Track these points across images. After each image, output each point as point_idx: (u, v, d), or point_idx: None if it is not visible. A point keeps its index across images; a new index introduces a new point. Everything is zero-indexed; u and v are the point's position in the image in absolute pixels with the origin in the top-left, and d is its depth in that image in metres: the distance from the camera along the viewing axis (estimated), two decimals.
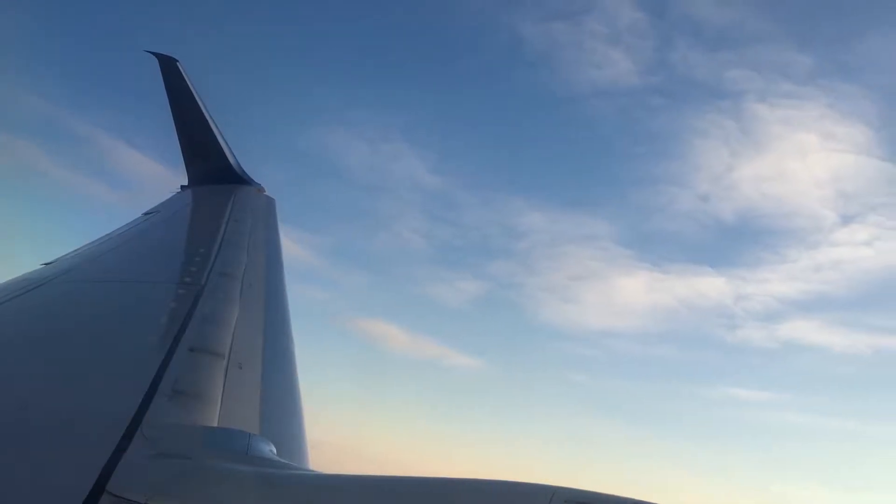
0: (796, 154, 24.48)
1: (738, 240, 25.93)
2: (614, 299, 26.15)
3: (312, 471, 3.13)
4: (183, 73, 9.57)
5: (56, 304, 4.51)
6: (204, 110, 9.80)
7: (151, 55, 9.64)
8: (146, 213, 7.70)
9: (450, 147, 25.38)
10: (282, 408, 4.20)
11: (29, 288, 4.54)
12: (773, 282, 25.08)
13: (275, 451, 3.00)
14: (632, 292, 26.01)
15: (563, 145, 25.04)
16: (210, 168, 9.87)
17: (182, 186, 9.76)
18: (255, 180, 10.15)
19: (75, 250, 5.88)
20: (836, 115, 22.97)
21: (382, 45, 23.52)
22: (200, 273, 5.21)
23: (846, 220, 24.29)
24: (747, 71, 23.00)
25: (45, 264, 5.35)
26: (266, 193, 9.92)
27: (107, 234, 6.52)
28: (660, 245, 26.02)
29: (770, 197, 25.03)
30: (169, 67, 9.57)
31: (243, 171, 10.15)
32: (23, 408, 3.01)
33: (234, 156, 10.12)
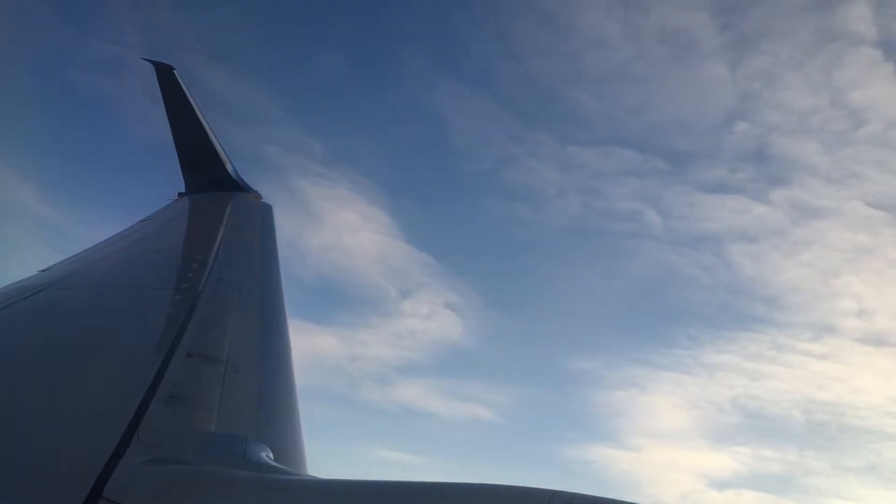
0: (348, 230, 25.65)
1: (328, 302, 25.72)
2: None
3: (310, 476, 3.12)
4: (179, 81, 9.60)
5: (54, 309, 4.50)
6: (201, 117, 9.83)
7: (148, 63, 9.70)
8: (143, 221, 7.69)
9: None
10: (279, 413, 4.19)
11: (26, 294, 4.53)
12: (372, 345, 25.60)
13: (272, 456, 2.99)
14: None
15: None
16: (207, 175, 9.88)
17: (179, 193, 9.76)
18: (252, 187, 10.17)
19: (72, 256, 5.88)
20: (360, 199, 24.61)
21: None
22: (198, 279, 5.21)
23: (404, 294, 25.38)
24: (277, 148, 23.84)
25: (43, 270, 5.34)
26: (263, 200, 9.93)
27: (103, 241, 6.52)
28: None
29: (340, 267, 25.77)
30: (166, 75, 9.60)
31: (241, 178, 10.16)
32: (20, 413, 3.00)
33: (231, 163, 10.13)
